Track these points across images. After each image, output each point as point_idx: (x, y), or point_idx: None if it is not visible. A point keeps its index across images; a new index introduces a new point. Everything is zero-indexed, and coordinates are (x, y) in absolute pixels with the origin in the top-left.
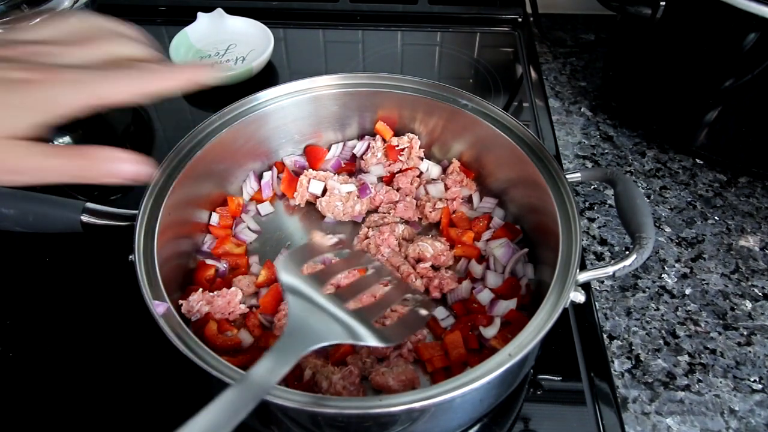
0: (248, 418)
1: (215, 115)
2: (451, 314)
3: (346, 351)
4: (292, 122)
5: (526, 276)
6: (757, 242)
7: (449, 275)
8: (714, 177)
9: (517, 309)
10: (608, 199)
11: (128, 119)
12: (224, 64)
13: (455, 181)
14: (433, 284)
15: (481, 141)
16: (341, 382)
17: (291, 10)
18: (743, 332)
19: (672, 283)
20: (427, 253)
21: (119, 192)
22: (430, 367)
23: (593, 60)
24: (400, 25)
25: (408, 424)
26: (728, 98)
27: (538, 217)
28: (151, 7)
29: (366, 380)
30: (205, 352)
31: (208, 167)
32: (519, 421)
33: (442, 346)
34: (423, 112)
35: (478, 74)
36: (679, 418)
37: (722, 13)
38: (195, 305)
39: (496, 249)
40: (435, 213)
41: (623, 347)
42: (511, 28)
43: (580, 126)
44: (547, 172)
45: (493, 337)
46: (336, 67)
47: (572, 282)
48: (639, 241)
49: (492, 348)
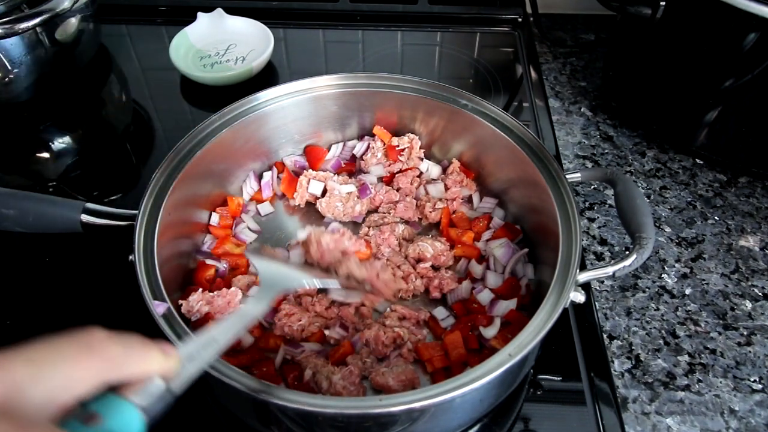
0: (248, 418)
1: (215, 115)
2: (451, 314)
3: (346, 351)
4: (292, 122)
5: (526, 276)
6: (757, 242)
7: (449, 275)
8: (714, 177)
9: (517, 309)
10: (608, 199)
11: (128, 119)
12: (224, 64)
13: (455, 182)
14: (433, 284)
15: (481, 141)
16: (341, 382)
17: (291, 10)
18: (743, 332)
19: (672, 283)
20: (427, 253)
21: (119, 192)
22: (430, 367)
23: (593, 60)
24: (400, 25)
25: (408, 424)
26: (728, 98)
27: (538, 217)
28: (151, 7)
29: (366, 380)
30: None
31: (208, 167)
32: (519, 421)
33: (442, 346)
34: (423, 112)
35: (478, 74)
36: (679, 418)
37: (722, 13)
38: (195, 305)
39: (496, 249)
40: (435, 213)
41: (623, 347)
42: (511, 28)
43: (580, 126)
44: (547, 172)
45: (493, 337)
46: (336, 67)
47: (572, 282)
48: (639, 241)
49: (492, 348)
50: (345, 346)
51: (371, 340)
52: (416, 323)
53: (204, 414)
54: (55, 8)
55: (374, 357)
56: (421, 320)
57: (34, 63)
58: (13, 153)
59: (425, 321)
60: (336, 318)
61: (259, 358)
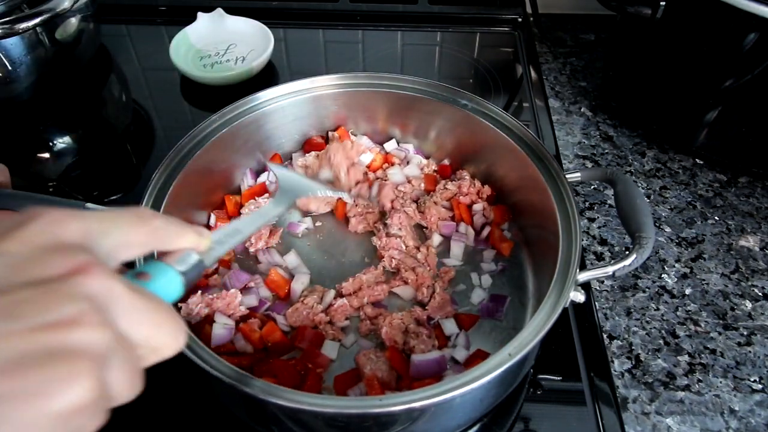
0: (248, 418)
1: (215, 115)
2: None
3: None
4: (292, 122)
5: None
6: (757, 242)
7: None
8: (714, 177)
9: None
10: (608, 199)
11: (128, 119)
12: (224, 64)
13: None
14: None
15: (481, 141)
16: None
17: (291, 10)
18: (743, 332)
19: (672, 283)
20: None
21: (119, 192)
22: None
23: (593, 60)
24: (400, 25)
25: (408, 424)
26: (728, 98)
27: (538, 217)
28: (151, 7)
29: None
30: (205, 352)
31: (208, 167)
32: (519, 421)
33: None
34: (423, 112)
35: (478, 74)
36: (679, 418)
37: (722, 13)
38: (194, 308)
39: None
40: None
41: (623, 347)
42: (511, 28)
43: (580, 126)
44: (547, 172)
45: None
46: (336, 67)
47: (572, 282)
48: (639, 241)
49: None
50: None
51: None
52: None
53: (204, 414)
54: (55, 8)
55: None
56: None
57: (34, 63)
58: (13, 153)
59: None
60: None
61: (260, 358)
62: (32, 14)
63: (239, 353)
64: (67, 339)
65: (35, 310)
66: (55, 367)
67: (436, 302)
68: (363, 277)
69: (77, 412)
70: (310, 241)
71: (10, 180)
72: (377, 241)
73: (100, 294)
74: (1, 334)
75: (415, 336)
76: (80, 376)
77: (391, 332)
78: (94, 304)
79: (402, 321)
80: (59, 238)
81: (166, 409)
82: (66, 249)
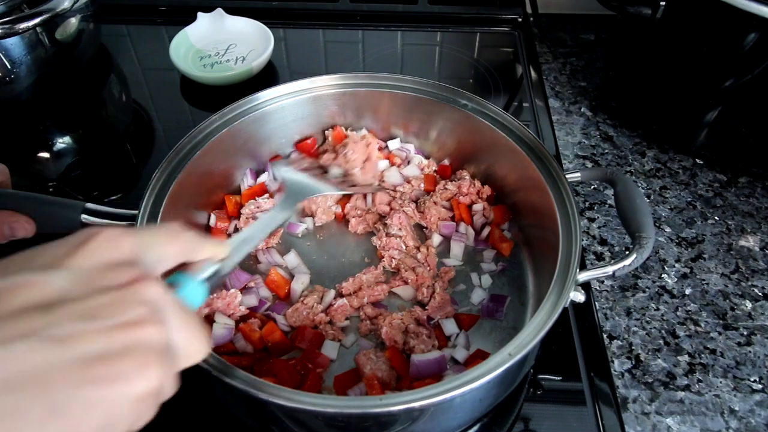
0: (248, 418)
1: (215, 115)
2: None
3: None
4: (292, 122)
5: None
6: (757, 242)
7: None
8: (714, 177)
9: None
10: (608, 199)
11: (128, 119)
12: (224, 64)
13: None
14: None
15: (481, 141)
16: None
17: (291, 10)
18: (743, 332)
19: (672, 283)
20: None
21: (119, 192)
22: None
23: (593, 60)
24: (400, 25)
25: (408, 423)
26: (728, 98)
27: (538, 217)
28: (151, 7)
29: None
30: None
31: (208, 167)
32: (519, 421)
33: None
34: (423, 112)
35: (478, 74)
36: (679, 418)
37: (722, 13)
38: None
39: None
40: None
41: (623, 347)
42: (511, 28)
43: (580, 126)
44: (547, 172)
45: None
46: (336, 67)
47: (572, 282)
48: (639, 241)
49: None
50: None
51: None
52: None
53: (204, 414)
54: (55, 8)
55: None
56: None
57: (34, 63)
58: (13, 153)
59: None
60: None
61: (260, 358)
62: (32, 14)
63: (239, 353)
64: (137, 336)
65: (111, 313)
66: (133, 358)
67: (436, 302)
68: (363, 277)
69: (148, 396)
70: (310, 241)
71: (10, 180)
72: (377, 241)
73: (154, 301)
74: (89, 331)
75: (415, 336)
76: (151, 365)
77: (391, 332)
78: (152, 309)
79: (402, 321)
80: (116, 253)
81: (165, 409)
82: (123, 263)
